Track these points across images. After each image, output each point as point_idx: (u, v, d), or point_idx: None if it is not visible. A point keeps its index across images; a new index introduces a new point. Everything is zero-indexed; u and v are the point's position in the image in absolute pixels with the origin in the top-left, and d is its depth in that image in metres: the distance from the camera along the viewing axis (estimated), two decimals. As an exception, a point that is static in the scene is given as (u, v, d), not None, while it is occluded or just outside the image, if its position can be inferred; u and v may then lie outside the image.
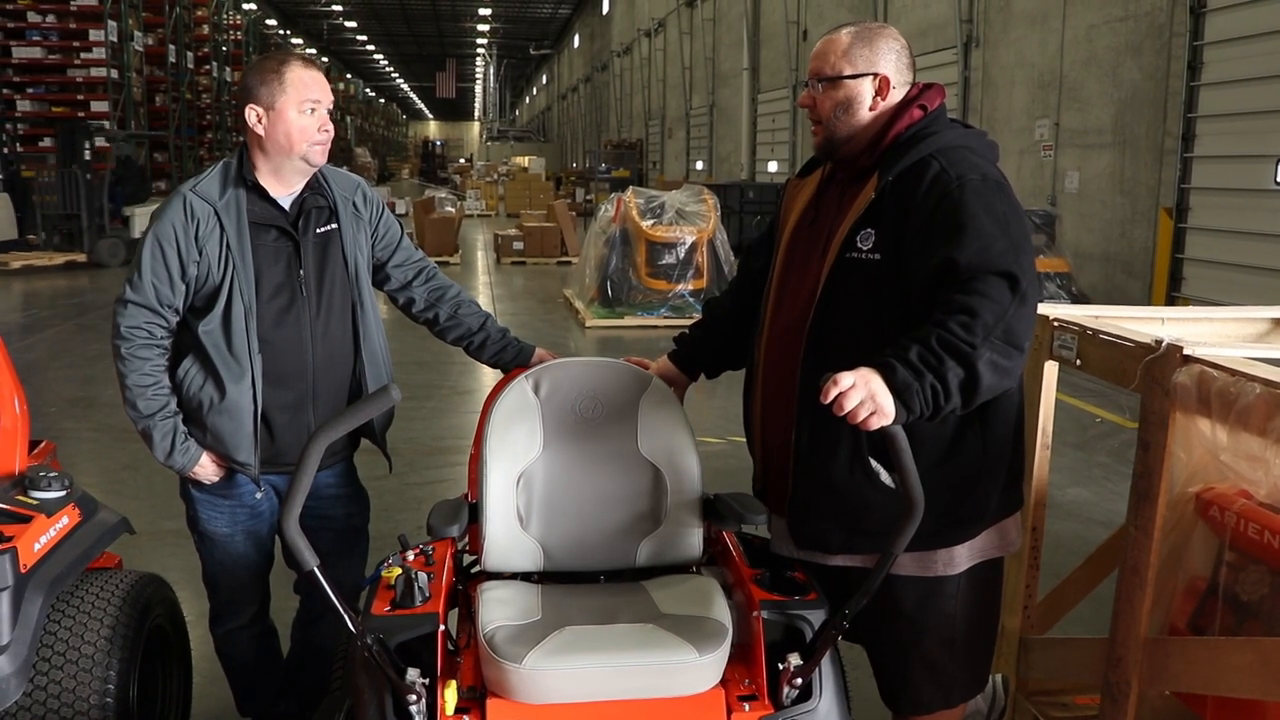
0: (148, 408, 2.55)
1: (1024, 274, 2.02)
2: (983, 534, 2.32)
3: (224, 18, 32.59)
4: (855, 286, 2.21)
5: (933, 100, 2.29)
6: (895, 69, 2.27)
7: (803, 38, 21.59)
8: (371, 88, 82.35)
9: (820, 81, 2.29)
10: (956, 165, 2.15)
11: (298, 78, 2.52)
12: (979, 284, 2.00)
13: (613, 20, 44.09)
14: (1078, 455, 6.50)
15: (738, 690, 2.24)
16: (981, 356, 1.96)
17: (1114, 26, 11.63)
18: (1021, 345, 2.02)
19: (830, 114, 2.28)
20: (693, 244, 11.88)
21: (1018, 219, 2.11)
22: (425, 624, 2.19)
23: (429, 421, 7.21)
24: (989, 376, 1.98)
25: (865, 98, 2.26)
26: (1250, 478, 2.16)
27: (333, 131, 2.61)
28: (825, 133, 2.31)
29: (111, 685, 2.47)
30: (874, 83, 2.26)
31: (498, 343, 2.90)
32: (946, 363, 1.95)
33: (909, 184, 2.17)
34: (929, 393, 1.96)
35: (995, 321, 1.97)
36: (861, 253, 2.20)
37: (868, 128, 2.28)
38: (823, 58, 2.29)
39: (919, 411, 1.97)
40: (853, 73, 2.25)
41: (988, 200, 2.09)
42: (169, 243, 2.52)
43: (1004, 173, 2.23)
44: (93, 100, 22.39)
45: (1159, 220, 10.87)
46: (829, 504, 2.29)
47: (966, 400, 2.01)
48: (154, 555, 4.49)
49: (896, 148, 2.23)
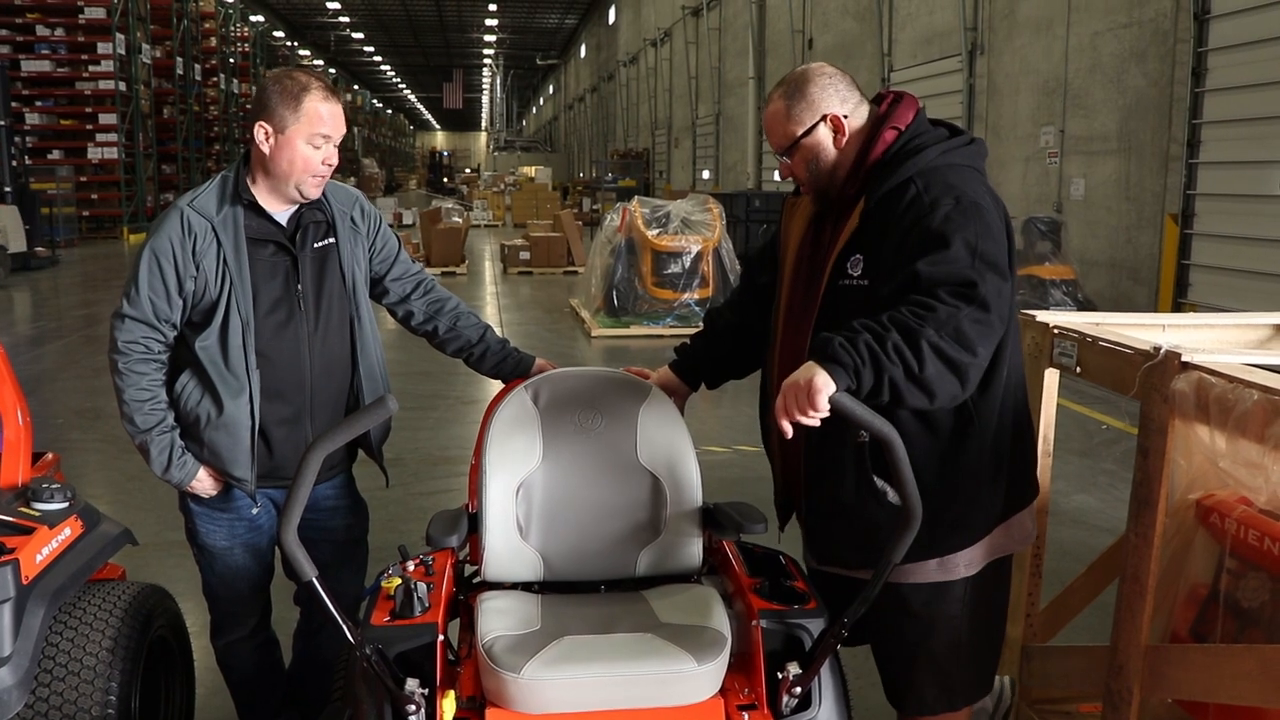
0: (145, 422, 2.56)
1: (983, 285, 2.02)
2: (989, 535, 2.33)
3: (232, 30, 32.76)
4: (849, 313, 2.17)
5: (905, 116, 2.29)
6: (839, 101, 2.29)
7: (808, 46, 21.62)
8: (379, 98, 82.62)
9: (783, 154, 2.35)
10: (933, 189, 2.15)
11: (315, 110, 2.49)
12: (937, 290, 2.01)
13: (619, 30, 44.20)
14: (1083, 462, 6.48)
15: (737, 699, 2.24)
16: (927, 336, 1.94)
17: (1118, 33, 11.62)
18: (973, 348, 1.99)
19: (805, 173, 2.34)
20: (698, 253, 11.88)
21: (989, 240, 2.09)
22: (424, 634, 2.20)
23: (434, 431, 7.22)
24: (932, 365, 1.94)
25: (826, 141, 2.29)
26: (1249, 484, 2.16)
27: (335, 165, 2.59)
28: (810, 188, 2.37)
29: (113, 697, 2.47)
30: (828, 125, 2.28)
31: (497, 354, 2.90)
32: (890, 333, 1.95)
33: (890, 207, 2.19)
34: (863, 350, 1.93)
35: (948, 319, 1.97)
36: (852, 279, 2.23)
37: (841, 162, 2.30)
38: (772, 132, 2.35)
39: (852, 366, 1.92)
40: (802, 130, 2.29)
41: (959, 224, 2.09)
42: (166, 257, 2.52)
43: (989, 187, 2.24)
44: (101, 113, 22.54)
45: (1165, 226, 10.85)
46: (840, 525, 2.34)
47: (910, 378, 1.95)
48: (159, 566, 4.50)
49: (879, 170, 2.24)
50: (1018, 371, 2.35)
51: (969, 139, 2.30)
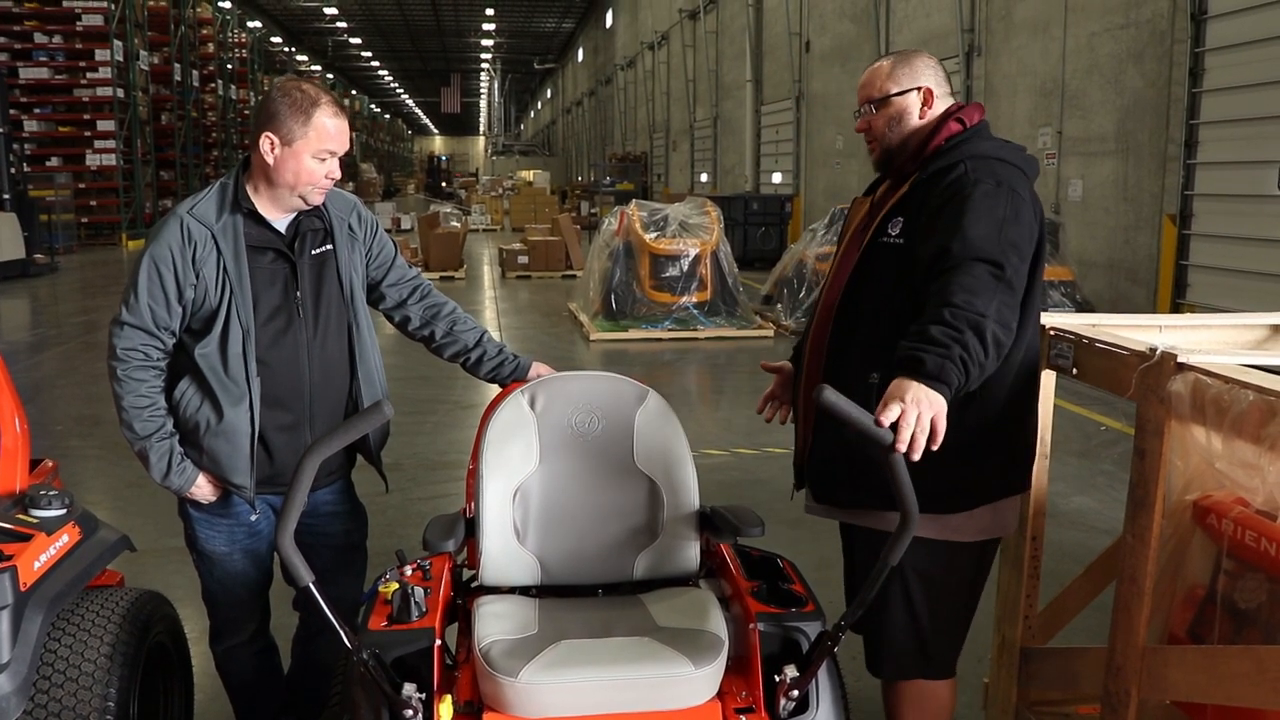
0: (144, 429, 2.56)
1: (1008, 265, 2.18)
2: (980, 509, 2.45)
3: (229, 36, 32.77)
4: (881, 269, 2.41)
5: (972, 116, 2.48)
6: (935, 81, 2.50)
7: (805, 49, 21.63)
8: (377, 103, 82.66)
9: (871, 104, 2.51)
10: (979, 170, 2.33)
11: (323, 125, 2.51)
12: (967, 267, 2.16)
13: (616, 33, 44.22)
14: (1081, 463, 6.48)
15: (735, 703, 2.24)
16: (989, 325, 2.10)
17: (1115, 34, 11.64)
18: (1011, 328, 2.18)
19: (884, 129, 2.50)
20: (696, 256, 11.89)
21: (1017, 224, 2.26)
22: (421, 639, 2.20)
23: (433, 436, 7.22)
24: (993, 351, 2.11)
25: (914, 109, 2.49)
26: (1246, 485, 2.16)
27: (338, 177, 2.61)
28: (881, 146, 2.53)
29: (112, 703, 2.46)
30: (919, 95, 2.48)
31: (494, 358, 2.91)
32: (965, 332, 2.08)
33: (937, 180, 2.38)
34: (959, 364, 2.05)
35: (990, 299, 2.13)
36: (890, 238, 2.41)
37: (915, 134, 2.48)
38: (870, 84, 2.52)
39: (959, 383, 2.06)
40: (898, 90, 2.48)
41: (993, 203, 2.26)
42: (165, 265, 2.52)
43: (1033, 190, 2.40)
44: (99, 119, 22.54)
45: (1163, 227, 10.86)
46: (840, 459, 2.46)
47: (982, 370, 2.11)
48: (158, 572, 4.50)
49: (937, 155, 2.43)
50: (1031, 357, 2.47)
51: (1024, 149, 2.50)
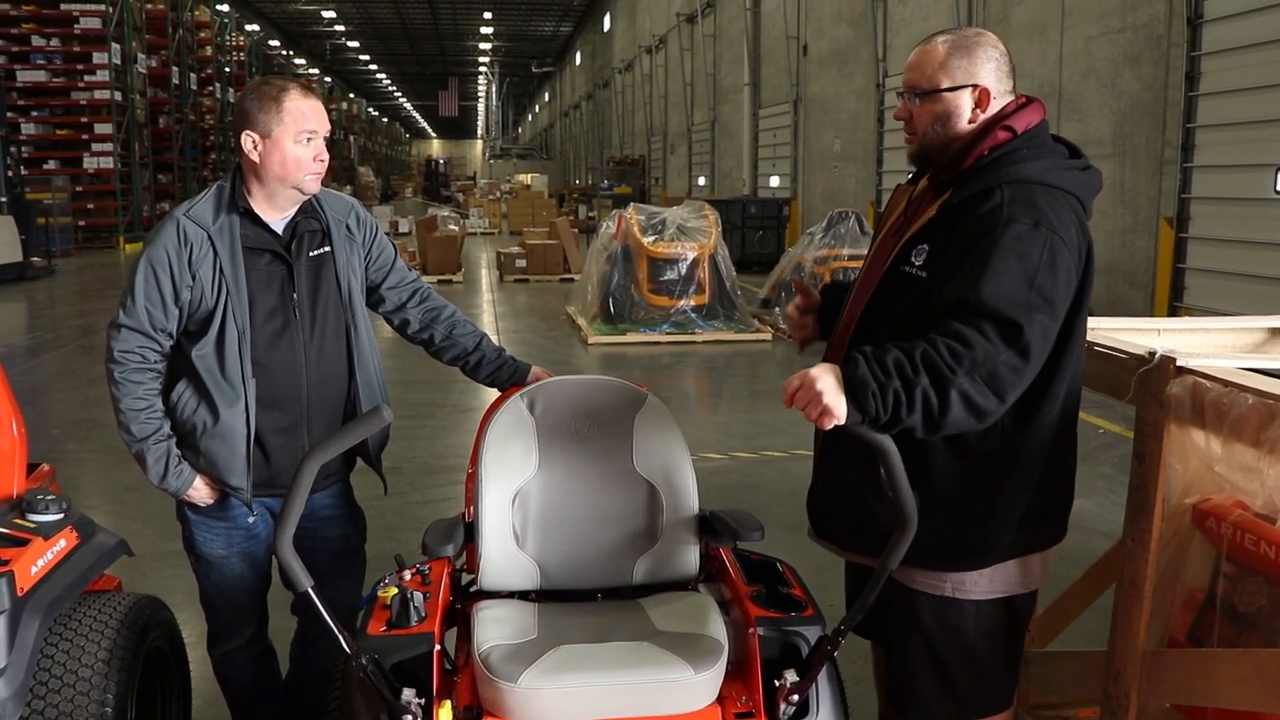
0: (141, 431, 2.56)
1: (1029, 329, 1.94)
2: (1000, 566, 2.23)
3: (227, 39, 32.77)
4: (900, 300, 2.16)
5: (1023, 121, 2.15)
6: (995, 78, 2.15)
7: (803, 53, 21.65)
8: (374, 107, 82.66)
9: (917, 95, 2.18)
10: (1016, 203, 2.02)
11: (296, 108, 2.52)
12: (982, 322, 1.94)
13: (614, 37, 44.26)
14: (1081, 467, 6.40)
15: (734, 707, 2.23)
16: (958, 385, 1.89)
17: (1112, 38, 11.65)
18: (1003, 394, 1.94)
19: (928, 127, 2.19)
20: (694, 260, 11.89)
21: (1051, 273, 1.99)
22: (420, 644, 2.19)
23: (431, 440, 7.21)
24: (958, 409, 1.91)
25: (964, 110, 2.15)
26: (1245, 489, 2.16)
27: (328, 159, 2.62)
28: (920, 143, 2.22)
29: (109, 708, 2.46)
30: (973, 94, 2.14)
31: (493, 362, 2.91)
32: (921, 378, 1.89)
33: (969, 209, 2.08)
34: (889, 399, 1.89)
35: (985, 360, 1.91)
36: (913, 268, 2.14)
37: (958, 139, 2.17)
38: (919, 70, 2.18)
39: (874, 414, 1.90)
40: (951, 85, 2.14)
41: (1026, 247, 1.98)
42: (162, 267, 2.53)
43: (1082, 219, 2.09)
44: (96, 122, 22.53)
45: (1160, 230, 10.87)
46: (839, 503, 2.34)
47: (928, 423, 1.93)
48: (155, 577, 4.49)
49: (973, 174, 2.12)
50: (1071, 411, 2.23)
51: (1085, 165, 2.16)
